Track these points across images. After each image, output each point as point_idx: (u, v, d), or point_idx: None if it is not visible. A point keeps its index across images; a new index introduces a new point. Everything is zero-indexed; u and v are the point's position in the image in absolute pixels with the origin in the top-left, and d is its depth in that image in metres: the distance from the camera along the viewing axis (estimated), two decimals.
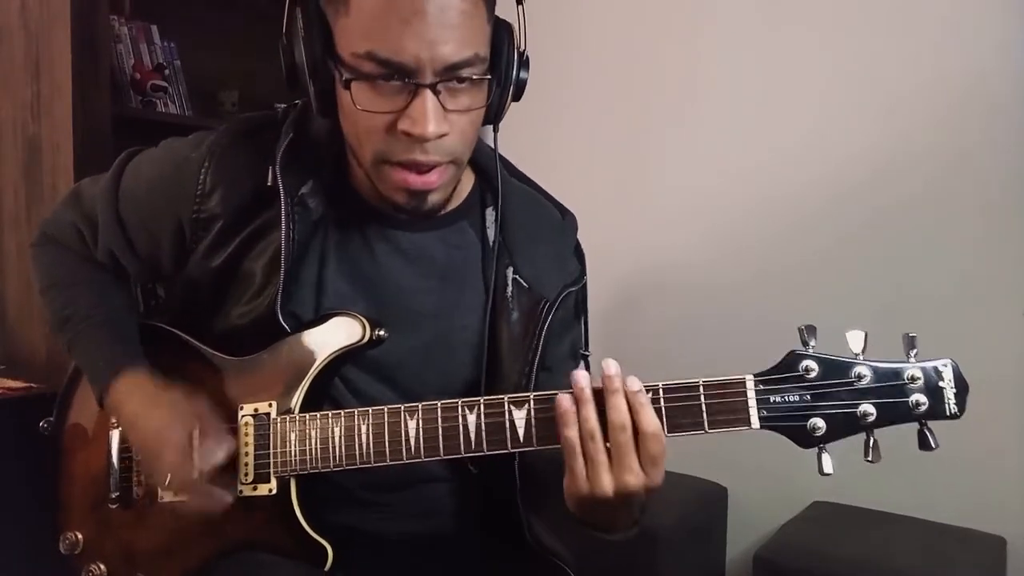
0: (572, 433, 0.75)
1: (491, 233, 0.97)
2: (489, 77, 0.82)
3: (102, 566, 0.92)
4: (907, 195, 1.77)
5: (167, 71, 2.19)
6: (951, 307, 1.70)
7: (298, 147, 0.91)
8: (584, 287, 1.01)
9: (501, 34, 0.85)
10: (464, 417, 0.80)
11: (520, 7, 0.87)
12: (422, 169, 0.82)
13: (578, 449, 0.75)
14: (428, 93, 0.78)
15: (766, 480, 1.84)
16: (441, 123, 0.79)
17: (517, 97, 0.89)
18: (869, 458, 0.74)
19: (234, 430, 0.88)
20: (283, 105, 0.97)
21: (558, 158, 2.23)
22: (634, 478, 0.74)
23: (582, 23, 2.24)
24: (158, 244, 0.96)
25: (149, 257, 0.98)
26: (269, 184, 0.89)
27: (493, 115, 0.88)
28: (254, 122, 0.96)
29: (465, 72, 0.79)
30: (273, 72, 0.91)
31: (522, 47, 0.87)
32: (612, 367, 0.75)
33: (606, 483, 0.74)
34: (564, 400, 0.75)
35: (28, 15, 1.88)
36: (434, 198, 0.86)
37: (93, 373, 0.94)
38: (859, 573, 1.50)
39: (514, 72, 0.86)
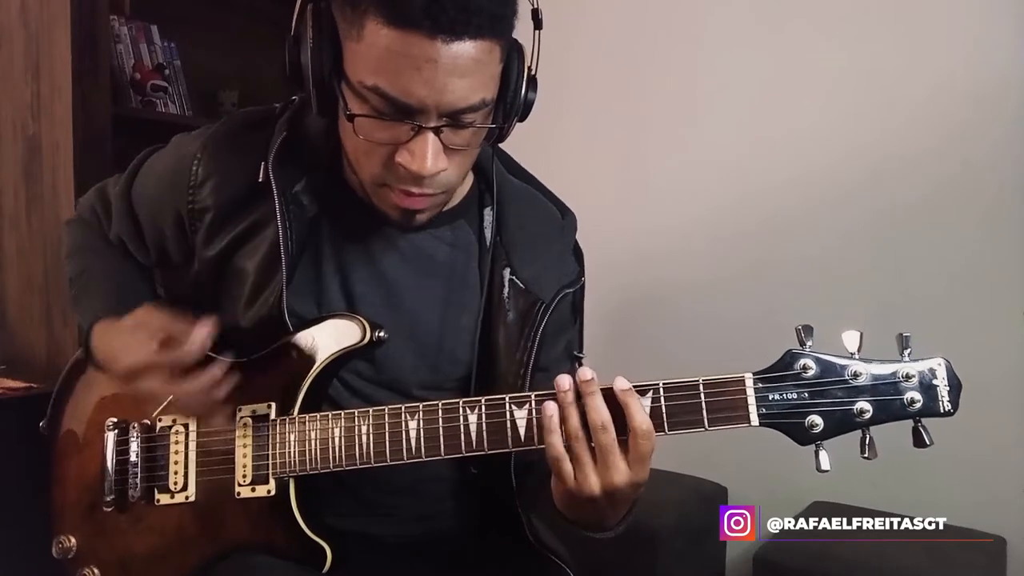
0: (555, 439, 0.76)
1: (488, 234, 0.97)
2: (493, 126, 0.82)
3: (96, 570, 0.92)
4: (907, 195, 1.77)
5: (167, 71, 2.18)
6: (951, 307, 1.70)
7: (292, 145, 0.91)
8: (582, 288, 1.01)
9: (512, 61, 0.82)
10: (465, 417, 0.81)
11: (537, 32, 0.86)
12: (415, 194, 0.83)
13: (562, 452, 0.76)
14: (430, 134, 0.77)
15: (766, 480, 1.84)
16: (439, 161, 0.79)
17: (523, 118, 0.87)
18: (865, 455, 0.75)
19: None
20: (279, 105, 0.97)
21: (556, 156, 2.22)
22: (620, 476, 0.75)
23: (581, 21, 2.24)
24: (164, 235, 0.97)
25: (158, 249, 1.00)
26: (261, 180, 0.89)
27: (495, 138, 0.87)
28: (252, 117, 0.96)
29: (469, 117, 0.78)
30: (273, 72, 0.91)
31: (533, 70, 0.85)
32: (587, 372, 0.76)
33: (592, 482, 0.75)
34: (548, 406, 0.76)
35: (28, 15, 1.87)
36: (422, 217, 0.87)
37: (81, 324, 0.96)
38: (859, 573, 1.50)
39: (521, 99, 0.84)
